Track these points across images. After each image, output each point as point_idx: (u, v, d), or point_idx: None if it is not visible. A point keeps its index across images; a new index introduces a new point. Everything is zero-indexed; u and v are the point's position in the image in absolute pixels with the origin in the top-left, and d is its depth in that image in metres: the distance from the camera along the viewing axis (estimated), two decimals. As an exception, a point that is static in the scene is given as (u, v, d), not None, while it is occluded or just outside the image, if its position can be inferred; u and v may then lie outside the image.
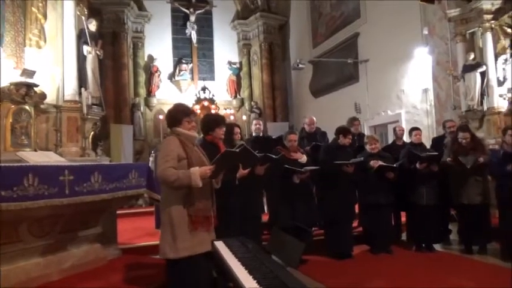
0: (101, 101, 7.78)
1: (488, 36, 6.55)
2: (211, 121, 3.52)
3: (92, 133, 7.58)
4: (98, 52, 7.65)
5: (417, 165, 4.73)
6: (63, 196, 3.24)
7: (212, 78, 13.19)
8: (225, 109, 12.46)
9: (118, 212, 4.82)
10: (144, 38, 12.26)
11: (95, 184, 3.54)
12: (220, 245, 2.29)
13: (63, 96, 7.03)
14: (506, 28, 6.43)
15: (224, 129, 3.52)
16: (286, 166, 4.21)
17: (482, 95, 6.69)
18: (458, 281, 3.78)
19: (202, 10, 12.96)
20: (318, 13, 11.92)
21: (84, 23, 7.45)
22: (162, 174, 2.70)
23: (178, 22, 13.02)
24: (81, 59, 7.37)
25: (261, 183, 4.29)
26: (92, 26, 7.73)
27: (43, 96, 6.58)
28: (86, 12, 7.59)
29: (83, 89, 7.21)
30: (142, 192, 4.24)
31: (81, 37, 7.39)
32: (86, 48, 7.45)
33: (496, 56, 6.52)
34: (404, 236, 5.34)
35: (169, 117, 2.95)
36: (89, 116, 7.33)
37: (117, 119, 11.03)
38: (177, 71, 12.61)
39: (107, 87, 10.21)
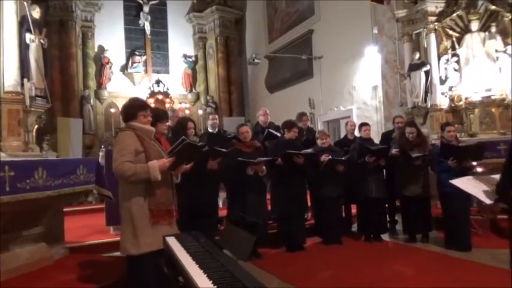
0: (46, 93, 7.33)
1: (432, 37, 6.91)
2: (153, 116, 3.35)
3: (36, 126, 7.14)
4: (42, 41, 7.19)
5: (367, 158, 4.93)
6: (4, 193, 3.07)
7: (167, 72, 12.92)
8: (180, 103, 12.27)
9: (66, 209, 4.64)
10: (94, 27, 11.74)
11: (39, 180, 3.37)
12: (171, 241, 2.27)
13: (3, 87, 6.54)
14: (448, 30, 6.85)
15: (167, 124, 3.48)
16: (240, 159, 4.24)
17: (426, 92, 7.06)
18: (400, 267, 4.04)
19: (157, 1, 12.62)
20: (273, 9, 12.01)
21: (27, 9, 6.95)
22: (118, 168, 2.64)
23: (131, 12, 12.60)
24: (23, 47, 6.88)
25: (215, 179, 4.28)
26: (36, 13, 7.22)
27: (-20, 86, 6.10)
28: (28, -2, 7.10)
29: (25, 80, 6.75)
30: (91, 188, 4.10)
31: (24, 24, 6.92)
32: (28, 36, 6.96)
33: (439, 56, 6.90)
34: (354, 227, 5.56)
35: (125, 112, 2.92)
36: (33, 109, 6.84)
37: (65, 112, 10.51)
38: (130, 63, 12.23)
39: (53, 78, 9.68)
